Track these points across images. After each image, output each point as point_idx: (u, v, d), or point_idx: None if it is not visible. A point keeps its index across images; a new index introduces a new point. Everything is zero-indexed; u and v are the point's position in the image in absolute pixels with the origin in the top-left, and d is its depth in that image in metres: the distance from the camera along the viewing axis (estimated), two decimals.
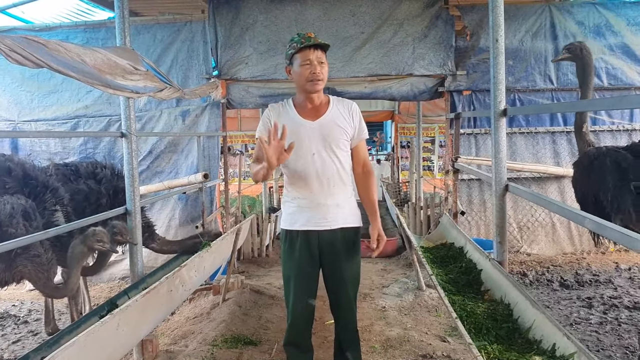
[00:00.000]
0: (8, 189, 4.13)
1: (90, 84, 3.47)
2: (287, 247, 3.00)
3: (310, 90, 2.88)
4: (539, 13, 6.87)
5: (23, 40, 2.90)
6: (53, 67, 3.06)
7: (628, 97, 3.08)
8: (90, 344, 2.73)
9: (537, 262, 6.88)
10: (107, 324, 2.89)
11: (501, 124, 3.84)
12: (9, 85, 7.36)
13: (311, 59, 2.82)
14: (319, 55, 2.85)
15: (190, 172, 6.83)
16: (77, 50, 3.33)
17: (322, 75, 2.86)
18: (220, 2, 6.77)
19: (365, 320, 4.83)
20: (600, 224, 2.46)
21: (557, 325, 2.45)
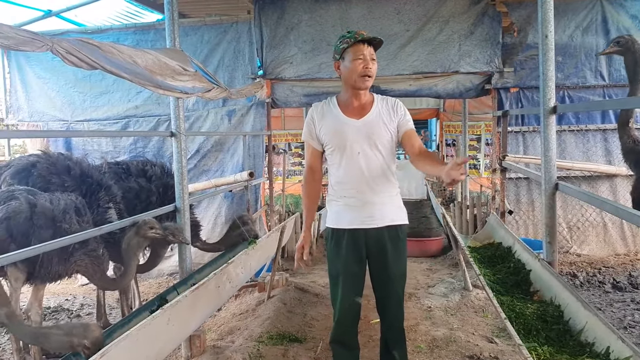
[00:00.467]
0: (67, 186, 4.29)
1: (141, 84, 3.58)
2: (333, 246, 3.01)
3: (360, 87, 2.88)
4: (589, 7, 6.68)
5: (79, 42, 3.00)
6: (107, 69, 3.16)
7: None
8: (143, 338, 2.81)
9: (588, 263, 6.70)
10: (158, 319, 2.97)
11: (551, 122, 3.77)
12: (63, 86, 7.63)
13: (364, 54, 2.83)
14: (371, 52, 2.86)
15: (235, 171, 6.93)
16: (130, 52, 3.42)
17: (373, 71, 2.86)
18: (265, 3, 6.84)
19: (411, 320, 4.80)
20: None
21: (610, 327, 2.39)
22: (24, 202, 3.64)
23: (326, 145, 2.98)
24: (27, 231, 3.55)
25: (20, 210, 3.60)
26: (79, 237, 3.48)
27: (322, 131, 2.97)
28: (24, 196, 3.70)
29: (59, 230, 3.64)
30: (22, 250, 3.00)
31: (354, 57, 2.83)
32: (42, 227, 3.61)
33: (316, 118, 3.01)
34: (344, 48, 2.85)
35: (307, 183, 3.12)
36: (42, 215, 3.65)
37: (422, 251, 8.38)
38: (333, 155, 2.96)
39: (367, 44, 2.84)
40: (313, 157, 3.09)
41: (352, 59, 2.83)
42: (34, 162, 4.50)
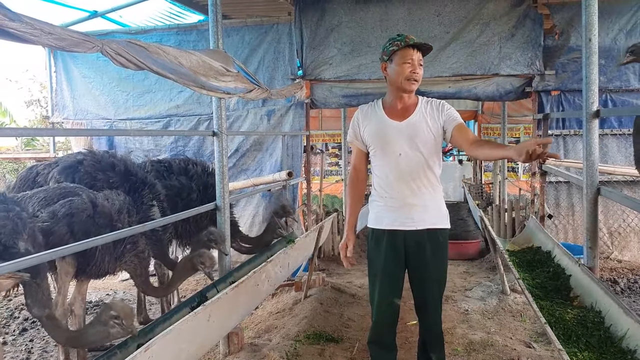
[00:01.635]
0: (112, 183, 4.40)
1: (186, 85, 3.66)
2: (373, 246, 3.05)
3: (406, 89, 2.93)
4: (634, 10, 6.54)
5: (127, 44, 3.09)
6: (153, 70, 3.25)
7: None
8: (185, 334, 2.89)
9: (629, 270, 6.56)
10: (199, 315, 3.05)
11: (593, 126, 3.73)
12: (107, 85, 7.83)
13: (413, 59, 2.89)
14: (419, 57, 2.92)
15: (274, 170, 7.00)
16: (175, 53, 3.51)
17: (419, 76, 2.93)
18: (306, 4, 6.90)
19: (448, 323, 4.80)
20: None
21: None
22: (87, 200, 3.73)
23: (369, 146, 3.03)
24: (88, 229, 3.62)
25: (84, 208, 3.68)
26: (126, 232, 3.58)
27: (365, 132, 3.02)
28: (86, 194, 3.81)
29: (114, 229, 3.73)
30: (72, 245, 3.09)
31: (402, 61, 2.88)
32: (102, 225, 3.70)
33: (361, 119, 3.07)
34: (394, 50, 2.90)
35: (351, 183, 3.19)
36: (102, 214, 3.75)
37: (459, 254, 8.34)
38: (376, 156, 3.01)
39: (416, 49, 2.90)
40: (358, 158, 3.14)
41: (401, 63, 2.88)
42: (81, 160, 4.63)
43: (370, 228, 3.07)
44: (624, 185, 6.77)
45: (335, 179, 13.15)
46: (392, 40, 2.93)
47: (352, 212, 3.18)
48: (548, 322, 2.88)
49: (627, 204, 3.72)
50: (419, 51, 2.91)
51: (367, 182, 3.29)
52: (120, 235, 3.54)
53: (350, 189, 3.20)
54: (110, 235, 3.36)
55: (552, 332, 2.67)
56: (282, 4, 7.16)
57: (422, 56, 2.94)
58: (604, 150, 6.65)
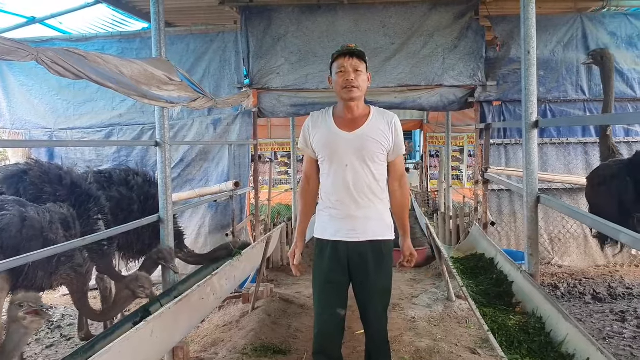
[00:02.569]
0: (59, 196, 4.23)
1: (127, 94, 3.57)
2: (317, 255, 3.03)
3: (345, 98, 2.92)
4: (570, 24, 6.80)
5: (64, 52, 2.99)
6: (93, 79, 3.15)
7: None
8: (125, 351, 2.79)
9: (569, 275, 6.78)
10: (141, 331, 2.95)
11: (533, 136, 3.83)
12: (47, 93, 7.56)
13: (345, 67, 2.87)
14: (354, 64, 2.88)
15: (220, 180, 6.92)
16: (115, 61, 3.42)
17: (357, 82, 2.88)
18: (252, 13, 6.87)
19: (395, 331, 4.82)
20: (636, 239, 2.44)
21: (590, 339, 2.43)
22: (17, 215, 3.59)
23: (318, 154, 3.02)
24: (17, 244, 3.49)
25: (12, 223, 3.54)
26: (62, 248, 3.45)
27: (314, 140, 3.01)
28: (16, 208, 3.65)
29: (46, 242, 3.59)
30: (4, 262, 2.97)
31: (337, 70, 2.90)
32: (31, 239, 3.56)
33: (311, 127, 3.05)
34: (331, 63, 2.92)
35: (302, 190, 3.18)
36: (31, 228, 3.60)
37: None
38: (323, 165, 3.00)
39: (349, 56, 2.88)
40: (309, 165, 3.13)
41: (336, 72, 2.90)
42: (26, 170, 4.43)
43: (316, 238, 3.05)
44: (563, 193, 6.99)
45: (284, 188, 13.09)
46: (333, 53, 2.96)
47: (302, 220, 3.16)
48: (491, 329, 2.93)
49: (565, 212, 3.84)
50: (352, 57, 2.89)
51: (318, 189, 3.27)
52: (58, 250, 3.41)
53: (301, 197, 3.17)
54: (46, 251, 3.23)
55: (494, 340, 2.71)
56: (228, 12, 7.11)
57: (359, 61, 2.90)
58: (544, 159, 6.87)
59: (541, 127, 4.26)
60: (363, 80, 2.92)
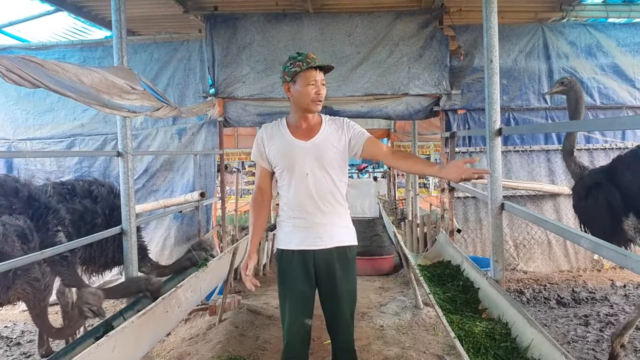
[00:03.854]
0: (14, 209, 4.11)
1: (87, 103, 3.49)
2: (283, 267, 3.00)
3: (312, 110, 2.92)
4: (532, 33, 6.95)
5: (20, 60, 2.91)
6: (51, 88, 3.07)
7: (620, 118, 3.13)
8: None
9: (534, 280, 6.87)
10: (102, 346, 2.87)
11: (496, 143, 3.87)
12: (4, 103, 7.37)
13: (317, 80, 2.87)
14: (322, 77, 2.91)
15: (186, 191, 6.83)
16: (75, 70, 3.34)
17: (323, 96, 2.92)
18: (217, 22, 6.82)
19: (363, 340, 4.81)
20: (596, 243, 2.47)
21: (555, 344, 2.45)
22: None
23: (275, 166, 2.99)
24: None
25: None
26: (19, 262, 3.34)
27: (271, 152, 2.98)
28: None
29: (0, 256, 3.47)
30: None
31: (306, 82, 2.86)
32: None
33: (265, 139, 3.02)
34: (296, 72, 2.87)
35: (255, 203, 3.10)
36: None
37: (374, 269, 8.44)
38: (282, 176, 2.97)
39: (319, 70, 2.88)
40: (262, 177, 3.09)
41: (305, 84, 2.86)
42: None
43: (280, 249, 3.02)
44: (527, 199, 7.11)
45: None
46: (293, 60, 2.89)
47: (255, 232, 3.09)
48: (458, 335, 2.93)
49: (529, 219, 3.88)
50: (320, 71, 2.91)
51: (271, 201, 3.23)
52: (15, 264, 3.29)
53: (254, 209, 3.10)
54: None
55: (461, 347, 2.71)
56: (192, 20, 7.06)
57: (323, 75, 2.93)
58: (508, 166, 6.97)
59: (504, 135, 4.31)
60: (325, 93, 2.95)
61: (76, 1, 6.70)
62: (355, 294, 3.07)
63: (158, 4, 6.69)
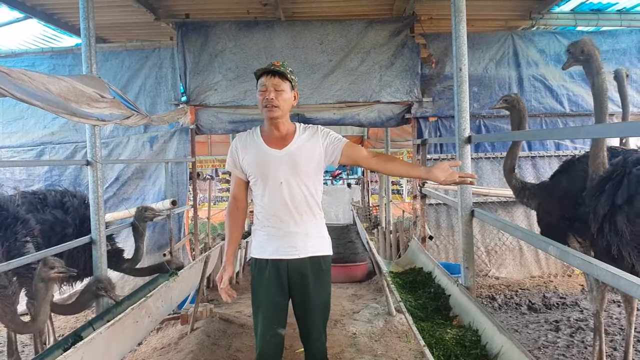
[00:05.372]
0: None
1: (55, 112, 3.44)
2: (256, 276, 2.98)
3: (266, 117, 2.89)
4: (502, 41, 7.06)
5: None
6: (17, 96, 3.02)
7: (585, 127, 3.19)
8: None
9: (506, 286, 6.94)
10: (70, 357, 2.83)
11: (466, 151, 3.92)
12: None
13: (267, 85, 2.83)
14: (275, 82, 2.84)
15: (157, 199, 6.76)
16: (42, 78, 3.29)
17: (278, 102, 2.83)
18: (188, 29, 6.79)
19: (336, 348, 4.80)
20: (563, 251, 2.51)
21: (524, 351, 2.47)
22: None
23: (249, 175, 2.97)
24: None
25: None
26: None
27: (244, 161, 2.96)
28: None
29: None
30: None
31: (259, 89, 2.86)
32: None
33: (239, 148, 2.99)
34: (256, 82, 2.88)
35: (230, 212, 3.08)
36: None
37: (347, 276, 8.45)
38: (256, 185, 2.95)
39: (271, 75, 2.85)
40: (237, 187, 3.07)
41: (258, 92, 2.86)
42: None
43: (253, 258, 3.00)
44: (499, 206, 7.18)
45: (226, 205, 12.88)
46: None
47: (231, 242, 3.08)
48: (428, 343, 2.94)
49: (498, 226, 3.93)
50: (274, 76, 2.85)
51: (247, 210, 3.22)
52: None
53: (230, 219, 3.09)
54: None
55: (430, 355, 2.72)
56: (163, 28, 7.02)
57: (282, 80, 2.86)
58: (479, 173, 7.04)
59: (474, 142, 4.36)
60: (284, 99, 2.86)
61: (46, 9, 6.63)
62: (329, 304, 3.06)
63: (129, 12, 6.64)
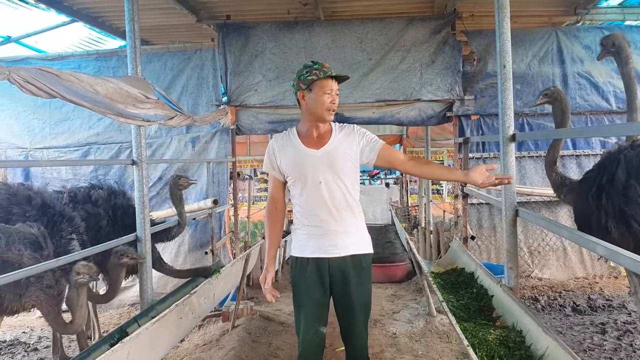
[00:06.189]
0: (28, 217, 4.16)
1: (102, 113, 3.52)
2: (297, 274, 3.00)
3: (326, 119, 2.93)
4: (546, 38, 6.91)
5: (37, 71, 2.95)
6: (66, 98, 3.11)
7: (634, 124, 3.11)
8: None
9: (549, 287, 6.80)
10: (117, 353, 2.90)
11: (510, 149, 3.85)
12: (22, 113, 7.49)
13: (333, 89, 2.89)
14: (336, 87, 2.92)
15: (199, 198, 6.86)
16: (90, 80, 3.38)
17: (336, 106, 2.94)
18: (229, 30, 6.87)
19: (376, 347, 4.79)
20: (612, 251, 2.45)
21: (570, 352, 2.42)
22: None
23: (287, 175, 2.99)
24: None
25: None
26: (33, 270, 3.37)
27: (282, 162, 2.99)
28: None
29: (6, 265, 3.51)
30: None
31: (322, 92, 2.86)
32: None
33: (277, 149, 3.03)
34: (313, 80, 2.87)
35: (269, 213, 3.11)
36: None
37: (386, 277, 8.40)
38: (295, 185, 2.97)
39: (334, 79, 2.90)
40: (275, 187, 3.10)
41: (321, 93, 2.87)
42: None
43: (294, 257, 3.02)
44: (542, 206, 7.04)
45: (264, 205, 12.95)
46: (309, 68, 2.90)
47: (271, 243, 3.10)
48: (471, 343, 2.91)
49: (543, 225, 3.85)
50: (335, 81, 2.92)
51: (285, 211, 3.23)
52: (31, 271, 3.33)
53: (269, 220, 3.12)
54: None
55: (474, 355, 2.69)
56: (205, 29, 7.12)
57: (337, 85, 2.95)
58: (522, 172, 6.92)
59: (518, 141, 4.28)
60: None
61: (91, 12, 6.79)
62: (370, 302, 3.07)
63: (171, 14, 6.75)
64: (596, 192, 3.42)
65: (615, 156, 3.45)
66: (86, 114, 7.21)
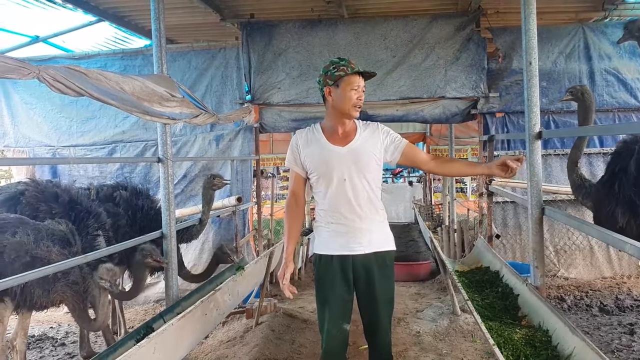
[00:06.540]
0: (55, 214, 4.24)
1: (128, 111, 3.57)
2: (321, 272, 3.00)
3: (352, 116, 2.93)
4: (572, 34, 6.81)
5: (65, 70, 3.00)
6: (94, 96, 3.16)
7: None
8: None
9: (575, 287, 6.71)
10: (144, 348, 2.93)
11: (536, 147, 3.80)
12: (49, 111, 7.62)
13: (360, 86, 2.89)
14: (363, 84, 2.93)
15: (223, 196, 6.89)
16: (117, 78, 3.43)
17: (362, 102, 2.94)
18: (253, 29, 6.90)
19: (400, 346, 4.78)
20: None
21: (598, 352, 2.39)
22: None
23: (311, 172, 2.99)
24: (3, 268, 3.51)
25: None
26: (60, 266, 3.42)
27: (306, 159, 2.98)
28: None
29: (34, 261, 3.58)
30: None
31: (350, 87, 2.87)
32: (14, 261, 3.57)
33: (301, 145, 3.02)
34: (340, 76, 2.86)
35: (289, 209, 3.11)
36: (12, 250, 3.59)
37: (410, 275, 8.37)
38: (319, 182, 2.97)
39: (360, 76, 2.90)
40: (297, 184, 3.09)
41: (348, 89, 2.87)
42: (22, 191, 4.48)
43: (318, 254, 3.02)
44: (568, 204, 6.93)
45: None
46: (336, 64, 2.89)
47: (290, 239, 3.09)
48: (497, 343, 2.88)
49: (571, 224, 3.80)
50: (362, 77, 2.92)
51: (305, 207, 3.23)
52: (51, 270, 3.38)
53: (289, 216, 3.10)
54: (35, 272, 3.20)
55: (500, 353, 2.67)
56: (229, 28, 7.15)
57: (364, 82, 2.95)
58: (548, 170, 6.83)
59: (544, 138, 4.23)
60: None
61: (117, 11, 6.88)
62: (393, 300, 3.06)
63: (195, 13, 6.81)
64: (608, 179, 3.40)
65: (630, 146, 3.39)
66: (112, 112, 7.31)
